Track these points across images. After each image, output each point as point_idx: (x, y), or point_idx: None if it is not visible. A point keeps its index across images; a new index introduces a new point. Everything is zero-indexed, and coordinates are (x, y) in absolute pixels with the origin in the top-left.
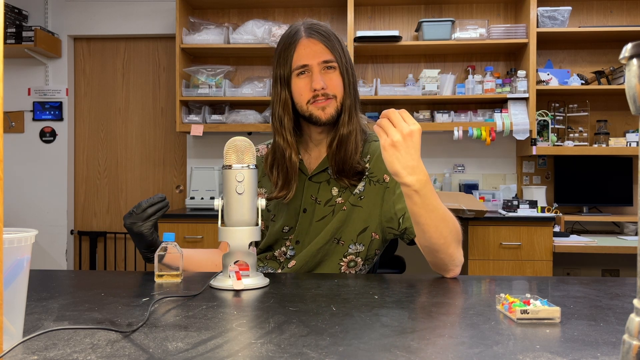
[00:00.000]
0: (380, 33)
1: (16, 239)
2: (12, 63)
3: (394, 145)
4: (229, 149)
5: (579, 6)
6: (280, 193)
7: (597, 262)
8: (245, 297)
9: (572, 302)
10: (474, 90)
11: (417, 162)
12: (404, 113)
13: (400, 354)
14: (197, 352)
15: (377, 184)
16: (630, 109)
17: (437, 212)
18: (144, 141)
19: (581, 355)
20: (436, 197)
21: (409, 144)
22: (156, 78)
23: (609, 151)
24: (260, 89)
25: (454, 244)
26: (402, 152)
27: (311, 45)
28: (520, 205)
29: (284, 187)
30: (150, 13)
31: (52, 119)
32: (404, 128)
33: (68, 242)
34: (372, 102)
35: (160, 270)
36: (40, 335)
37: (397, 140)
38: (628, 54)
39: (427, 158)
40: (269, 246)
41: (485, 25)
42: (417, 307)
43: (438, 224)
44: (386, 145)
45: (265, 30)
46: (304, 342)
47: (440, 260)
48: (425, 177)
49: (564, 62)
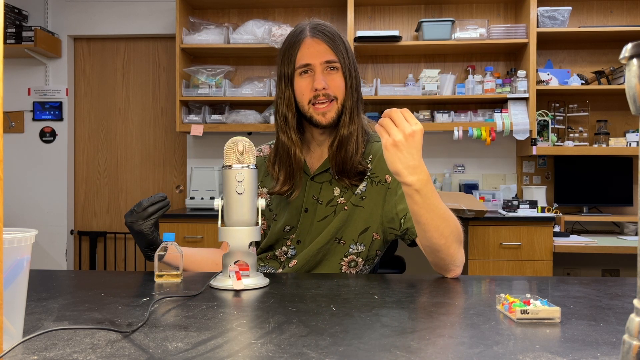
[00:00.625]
0: (380, 33)
1: (16, 239)
2: (12, 63)
3: (396, 145)
4: (229, 149)
5: (579, 6)
6: (283, 188)
7: (597, 262)
8: (245, 297)
9: (572, 302)
10: (474, 90)
11: (419, 162)
12: (406, 112)
13: (400, 354)
14: (197, 352)
15: (378, 184)
16: (630, 109)
17: (438, 211)
18: (144, 141)
19: (581, 355)
20: (437, 197)
21: (410, 144)
22: (156, 78)
23: (609, 151)
24: (260, 89)
25: (455, 244)
26: (404, 152)
27: (315, 45)
28: (520, 205)
29: (287, 182)
30: (150, 13)
31: (52, 119)
32: (405, 128)
33: (68, 242)
34: (372, 102)
35: (160, 270)
36: (40, 335)
37: (399, 140)
38: (628, 54)
39: (427, 158)
40: (270, 246)
41: (485, 25)
42: (417, 307)
43: (439, 224)
44: (388, 145)
45: (265, 30)
46: (304, 342)
47: (442, 260)
48: (426, 177)
49: (564, 62)
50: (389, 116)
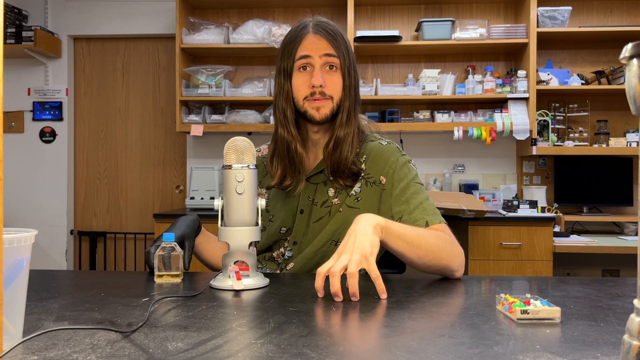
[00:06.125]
0: (380, 33)
1: (16, 239)
2: (12, 63)
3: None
4: (228, 149)
5: (579, 6)
6: (285, 182)
7: (597, 262)
8: (245, 297)
9: (572, 302)
10: (474, 90)
11: (368, 220)
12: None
13: (400, 354)
14: (197, 352)
15: (373, 185)
16: (630, 109)
17: (404, 240)
18: (144, 141)
19: (581, 355)
20: (399, 228)
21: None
22: (156, 78)
23: (609, 151)
24: (260, 89)
25: (442, 256)
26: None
27: (316, 41)
28: (521, 205)
29: (288, 177)
30: (150, 13)
31: (52, 119)
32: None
33: (68, 242)
34: (372, 102)
35: (160, 270)
36: (40, 336)
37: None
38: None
39: (427, 158)
40: (268, 247)
41: (485, 25)
42: (417, 307)
43: (413, 251)
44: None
45: (265, 30)
46: (304, 342)
47: (438, 272)
48: (380, 219)
49: (564, 62)
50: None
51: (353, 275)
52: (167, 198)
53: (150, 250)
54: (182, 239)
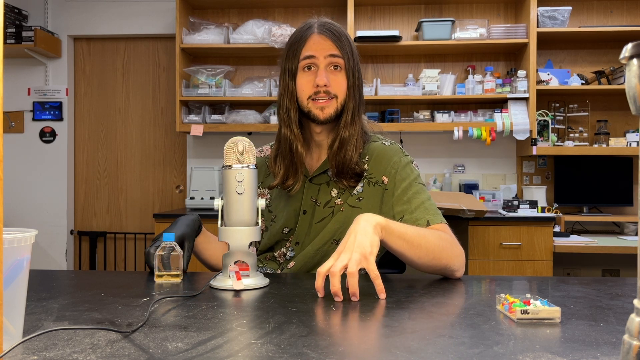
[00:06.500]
0: (380, 33)
1: (16, 239)
2: (12, 63)
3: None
4: (228, 149)
5: (579, 6)
6: (287, 182)
7: (597, 262)
8: (245, 297)
9: (572, 302)
10: (474, 90)
11: (368, 220)
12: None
13: (400, 354)
14: (197, 352)
15: (375, 185)
16: (630, 109)
17: (404, 240)
18: (144, 141)
19: (581, 355)
20: (400, 227)
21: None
22: (156, 78)
23: (609, 151)
24: (260, 89)
25: (443, 256)
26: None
27: (321, 41)
28: (521, 205)
29: (289, 177)
30: (150, 13)
31: (52, 119)
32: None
33: (68, 242)
34: (372, 102)
35: (160, 270)
36: (40, 336)
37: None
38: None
39: (427, 158)
40: (270, 247)
41: (485, 25)
42: (417, 307)
43: (413, 251)
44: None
45: (265, 30)
46: (304, 342)
47: (438, 272)
48: (376, 221)
49: (564, 62)
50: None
51: (353, 274)
52: (167, 198)
53: (150, 250)
54: (182, 239)
